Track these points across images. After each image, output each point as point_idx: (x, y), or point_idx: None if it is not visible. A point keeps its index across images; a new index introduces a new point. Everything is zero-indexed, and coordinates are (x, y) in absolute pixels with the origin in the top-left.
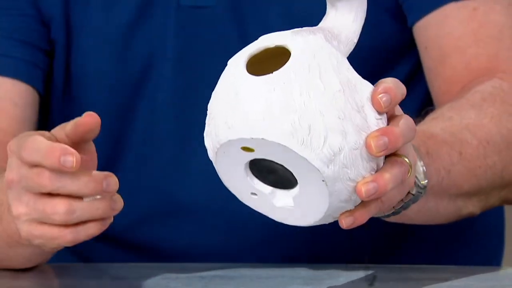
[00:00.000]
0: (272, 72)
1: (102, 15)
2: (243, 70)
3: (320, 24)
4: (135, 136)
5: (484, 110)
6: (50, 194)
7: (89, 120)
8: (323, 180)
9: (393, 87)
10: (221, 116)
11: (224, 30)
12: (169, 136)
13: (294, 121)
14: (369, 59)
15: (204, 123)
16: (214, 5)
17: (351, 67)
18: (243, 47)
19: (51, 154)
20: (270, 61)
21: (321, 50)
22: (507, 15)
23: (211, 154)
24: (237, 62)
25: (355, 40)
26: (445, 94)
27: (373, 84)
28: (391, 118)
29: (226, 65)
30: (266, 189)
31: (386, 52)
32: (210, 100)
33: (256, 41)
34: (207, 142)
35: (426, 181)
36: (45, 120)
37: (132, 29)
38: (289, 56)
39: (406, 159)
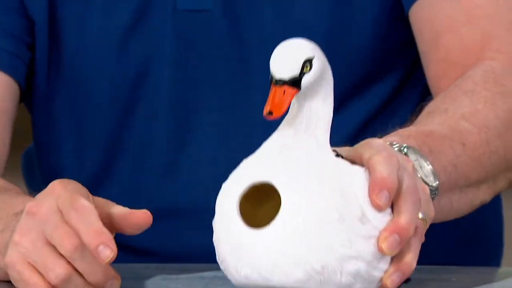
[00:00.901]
0: (268, 220)
1: (99, 18)
2: (240, 222)
3: (291, 122)
4: (133, 139)
5: (477, 94)
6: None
7: (145, 220)
8: None
9: (386, 176)
10: (231, 264)
11: (220, 34)
12: (167, 138)
13: (306, 268)
14: (369, 59)
15: (202, 126)
16: (210, 9)
17: (332, 157)
18: (239, 51)
19: (95, 237)
20: (259, 192)
21: (306, 177)
22: None
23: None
24: (230, 207)
25: (331, 117)
26: (442, 79)
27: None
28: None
29: (222, 69)
30: None
31: (386, 51)
32: (214, 241)
33: (241, 173)
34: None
35: (437, 182)
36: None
37: (129, 33)
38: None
39: (420, 215)
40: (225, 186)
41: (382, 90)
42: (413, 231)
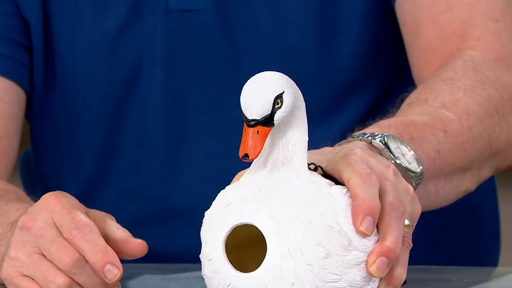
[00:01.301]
0: (254, 261)
1: (90, 20)
2: (227, 266)
3: (268, 156)
4: (127, 141)
5: (457, 83)
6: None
7: (140, 250)
8: None
9: (367, 200)
10: None
11: (212, 33)
12: (161, 140)
13: None
14: (360, 56)
15: (196, 126)
16: (202, 9)
17: (313, 189)
18: (231, 50)
19: (102, 257)
20: (242, 232)
21: (290, 218)
22: None
23: None
24: (216, 252)
25: (307, 140)
26: (424, 68)
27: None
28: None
29: (214, 68)
30: None
31: (376, 48)
32: (203, 274)
33: (223, 214)
34: None
35: (421, 167)
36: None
37: (120, 34)
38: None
39: (406, 222)
40: (208, 220)
41: (373, 88)
42: (399, 249)
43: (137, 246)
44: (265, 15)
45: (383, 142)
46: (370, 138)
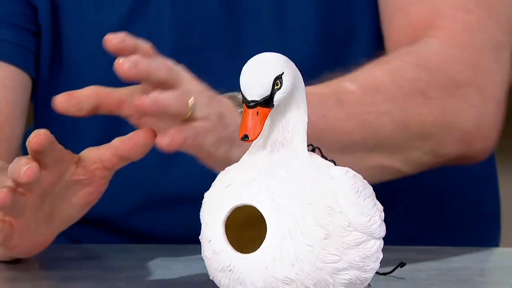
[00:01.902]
0: (253, 242)
1: (96, 7)
2: (227, 247)
3: (268, 137)
4: (131, 129)
5: (387, 64)
6: None
7: (145, 139)
8: None
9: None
10: (222, 282)
11: (218, 22)
12: None
13: (299, 287)
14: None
15: None
16: None
17: (313, 169)
18: (236, 39)
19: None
20: (241, 213)
21: (290, 199)
22: None
23: None
24: (216, 232)
25: (306, 120)
26: None
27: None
28: None
29: (219, 57)
30: None
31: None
32: (202, 256)
33: (222, 195)
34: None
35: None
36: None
37: (128, 21)
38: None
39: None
40: (208, 201)
41: None
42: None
43: (142, 133)
44: (269, 5)
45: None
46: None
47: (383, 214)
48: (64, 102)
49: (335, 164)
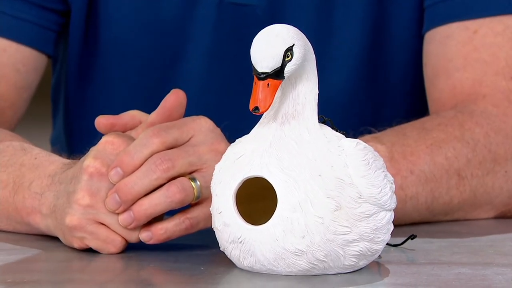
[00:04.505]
0: (264, 213)
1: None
2: (238, 218)
3: (279, 110)
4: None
5: (430, 135)
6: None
7: (177, 99)
8: None
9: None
10: (233, 254)
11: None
12: None
13: (309, 259)
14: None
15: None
16: (255, 4)
17: (324, 142)
18: None
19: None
20: (252, 185)
21: (300, 171)
22: (504, 36)
23: None
24: (227, 203)
25: (317, 93)
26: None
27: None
28: None
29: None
30: None
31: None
32: (213, 228)
33: (234, 166)
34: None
35: None
36: (58, 82)
37: (173, 18)
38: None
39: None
40: (218, 173)
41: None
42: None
43: (171, 97)
44: (316, 19)
45: None
46: None
47: (394, 186)
48: (108, 127)
49: (346, 136)
